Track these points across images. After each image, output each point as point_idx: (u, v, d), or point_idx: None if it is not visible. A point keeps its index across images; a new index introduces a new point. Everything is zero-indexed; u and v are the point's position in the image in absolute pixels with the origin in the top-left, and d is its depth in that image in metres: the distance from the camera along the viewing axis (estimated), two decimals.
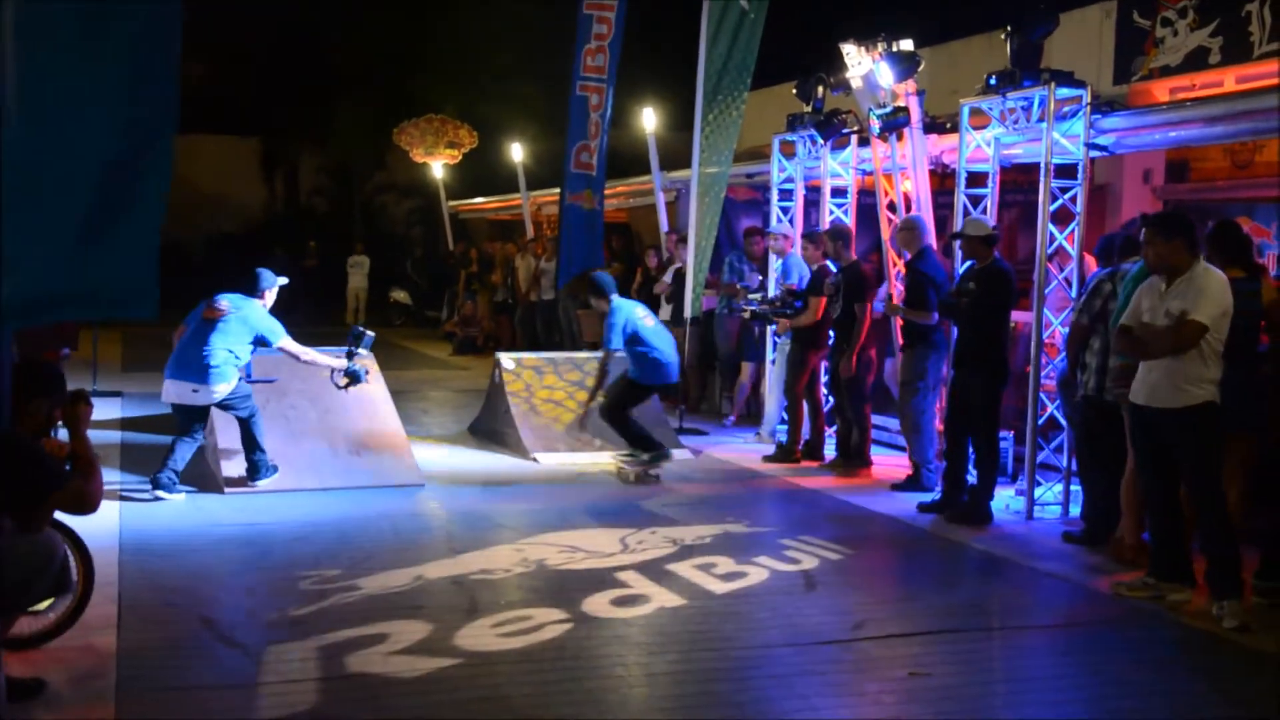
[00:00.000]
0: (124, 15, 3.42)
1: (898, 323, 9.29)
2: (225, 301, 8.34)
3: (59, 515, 5.06)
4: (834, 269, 9.80)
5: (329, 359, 8.77)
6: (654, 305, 13.42)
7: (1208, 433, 6.00)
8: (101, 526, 5.76)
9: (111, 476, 8.21)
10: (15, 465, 4.25)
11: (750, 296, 10.85)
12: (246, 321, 8.32)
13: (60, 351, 8.16)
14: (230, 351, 8.23)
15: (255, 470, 8.44)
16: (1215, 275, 6.00)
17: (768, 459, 10.26)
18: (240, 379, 8.35)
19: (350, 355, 8.72)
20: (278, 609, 5.93)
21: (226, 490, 8.43)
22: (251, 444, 8.40)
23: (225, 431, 8.76)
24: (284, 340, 8.45)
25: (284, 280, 8.71)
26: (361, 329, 8.89)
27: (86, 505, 4.52)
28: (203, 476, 8.76)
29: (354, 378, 8.69)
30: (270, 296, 8.56)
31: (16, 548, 4.41)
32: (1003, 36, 8.34)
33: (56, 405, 4.78)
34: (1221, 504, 6.04)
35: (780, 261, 11.02)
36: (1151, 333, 6.03)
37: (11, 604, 4.54)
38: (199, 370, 8.12)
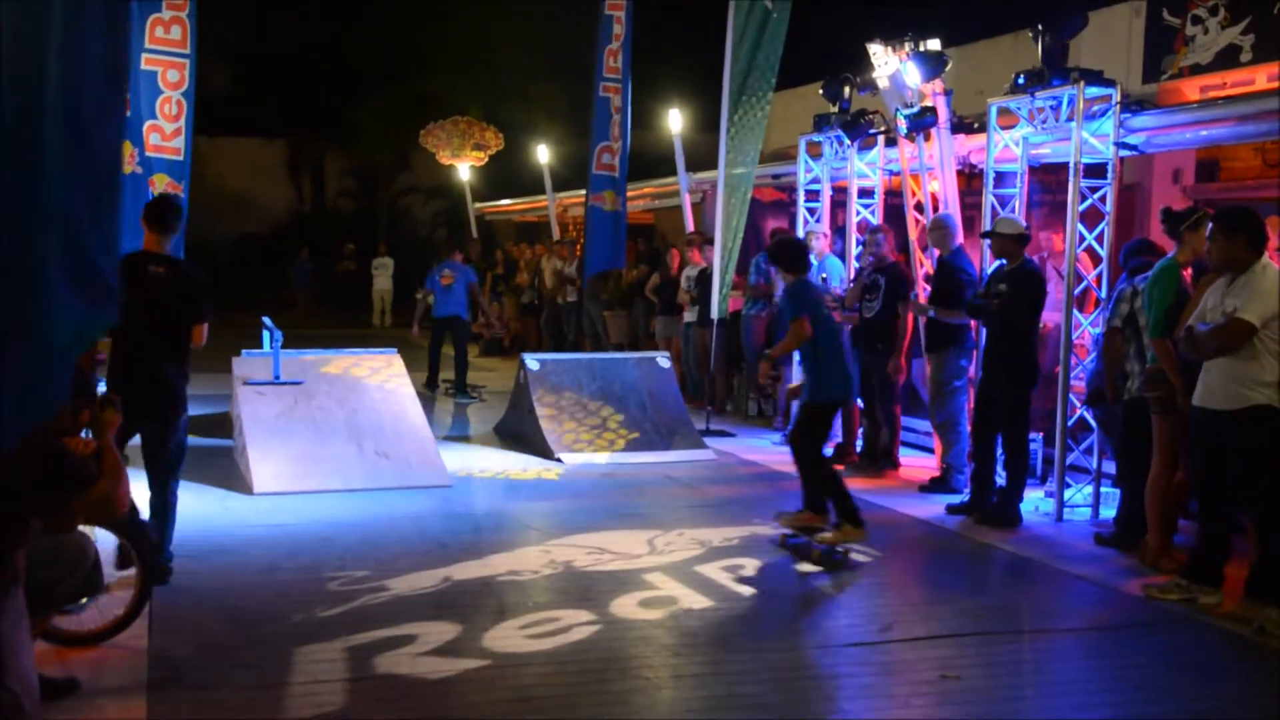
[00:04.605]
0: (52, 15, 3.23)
1: (923, 323, 9.24)
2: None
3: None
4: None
5: None
6: (676, 306, 13.44)
7: (1263, 437, 5.81)
8: None
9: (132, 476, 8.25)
10: (41, 466, 4.25)
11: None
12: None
13: (97, 354, 8.12)
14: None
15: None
16: (1273, 273, 5.88)
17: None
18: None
19: None
20: (306, 610, 5.95)
21: (255, 492, 8.47)
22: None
23: (254, 433, 8.80)
24: None
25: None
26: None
27: (112, 509, 4.52)
28: (231, 478, 8.82)
29: None
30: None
31: (45, 548, 4.43)
32: (1031, 36, 8.29)
33: (83, 408, 4.80)
34: (1277, 510, 5.88)
35: (816, 262, 10.90)
36: (1205, 332, 5.96)
37: (42, 604, 4.57)
38: None
